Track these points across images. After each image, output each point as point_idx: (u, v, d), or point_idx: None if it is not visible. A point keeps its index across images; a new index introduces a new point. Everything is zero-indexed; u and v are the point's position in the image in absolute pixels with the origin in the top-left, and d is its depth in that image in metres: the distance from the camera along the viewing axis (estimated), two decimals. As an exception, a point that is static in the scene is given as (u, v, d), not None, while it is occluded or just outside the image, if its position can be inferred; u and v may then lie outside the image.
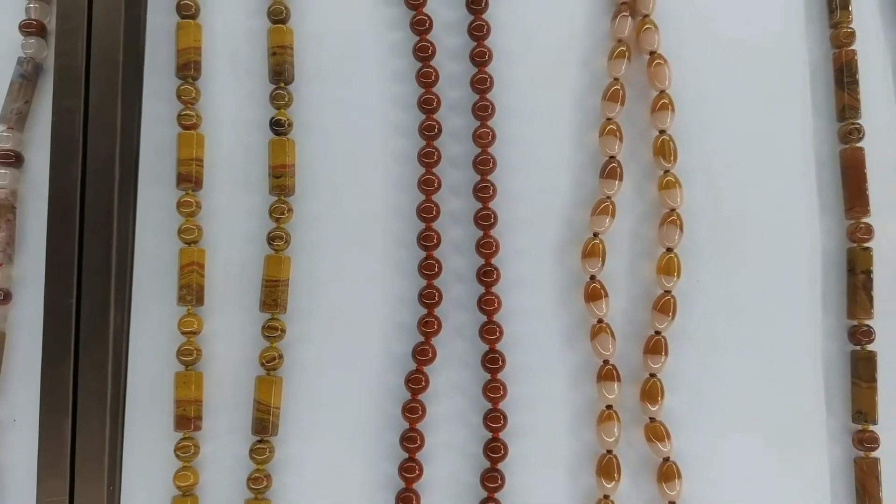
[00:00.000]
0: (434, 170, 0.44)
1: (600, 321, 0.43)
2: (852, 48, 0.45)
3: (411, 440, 0.42)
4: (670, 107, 0.44)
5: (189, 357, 0.42)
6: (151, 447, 0.43)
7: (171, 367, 0.43)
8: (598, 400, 0.43)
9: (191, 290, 0.43)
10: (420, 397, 0.42)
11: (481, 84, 0.44)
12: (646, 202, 0.45)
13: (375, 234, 0.44)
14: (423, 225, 0.43)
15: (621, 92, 0.44)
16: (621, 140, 0.44)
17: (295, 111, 0.45)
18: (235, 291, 0.44)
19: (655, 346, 0.42)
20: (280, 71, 0.44)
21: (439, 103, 0.44)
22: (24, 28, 0.45)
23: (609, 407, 0.42)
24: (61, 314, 0.42)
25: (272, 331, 0.43)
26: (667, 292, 0.43)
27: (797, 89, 0.46)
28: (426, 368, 0.43)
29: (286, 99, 0.44)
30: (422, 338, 0.43)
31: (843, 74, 0.44)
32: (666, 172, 0.43)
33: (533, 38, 0.46)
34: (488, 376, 0.43)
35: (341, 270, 0.44)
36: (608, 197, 0.43)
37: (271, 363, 0.42)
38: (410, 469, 0.42)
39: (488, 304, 0.43)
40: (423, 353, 0.42)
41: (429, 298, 0.43)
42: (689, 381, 0.43)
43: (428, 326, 0.43)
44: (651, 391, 0.42)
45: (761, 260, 0.44)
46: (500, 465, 0.42)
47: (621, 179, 0.43)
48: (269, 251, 0.43)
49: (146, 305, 0.44)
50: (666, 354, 0.42)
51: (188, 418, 0.42)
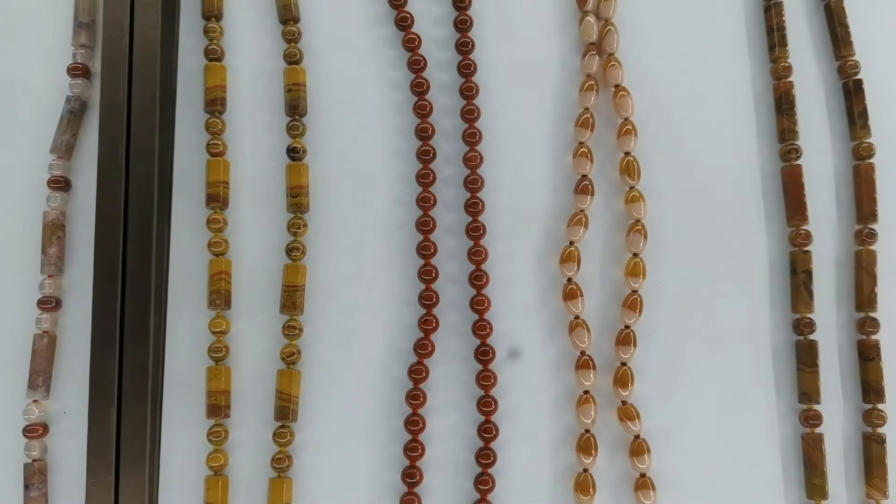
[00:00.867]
0: (430, 189, 0.45)
1: (577, 318, 0.44)
2: (790, 80, 0.46)
3: (414, 424, 0.43)
4: (634, 132, 0.45)
5: (219, 354, 0.43)
6: (186, 433, 0.44)
7: (203, 363, 0.44)
8: (577, 386, 0.43)
9: (220, 296, 0.44)
10: (421, 386, 0.43)
11: (470, 114, 0.45)
12: (614, 214, 0.46)
13: (380, 245, 0.45)
14: (422, 236, 0.44)
15: (591, 120, 0.45)
16: (592, 161, 0.45)
17: (308, 139, 0.46)
18: (258, 296, 0.45)
19: (625, 339, 0.43)
20: (295, 105, 0.45)
21: (434, 131, 0.45)
22: (72, 71, 0.46)
23: (586, 392, 0.43)
24: (108, 317, 0.43)
25: (291, 330, 0.43)
26: (634, 292, 0.44)
27: (744, 115, 0.46)
28: (426, 361, 0.44)
29: (300, 129, 0.45)
30: (422, 334, 0.44)
31: (783, 102, 0.45)
32: (631, 188, 0.44)
33: (514, 74, 0.46)
34: (480, 367, 0.43)
35: (351, 277, 0.45)
36: (582, 210, 0.44)
37: (291, 358, 0.43)
38: (414, 449, 0.43)
39: (479, 304, 0.44)
40: (423, 348, 0.43)
41: (427, 300, 0.44)
42: (656, 369, 0.44)
43: (427, 324, 0.44)
44: (622, 378, 0.43)
45: (716, 263, 0.45)
46: (493, 444, 0.43)
47: (593, 195, 0.44)
48: (288, 261, 0.44)
49: (181, 309, 0.45)
50: (635, 346, 0.43)
51: (219, 407, 0.43)
